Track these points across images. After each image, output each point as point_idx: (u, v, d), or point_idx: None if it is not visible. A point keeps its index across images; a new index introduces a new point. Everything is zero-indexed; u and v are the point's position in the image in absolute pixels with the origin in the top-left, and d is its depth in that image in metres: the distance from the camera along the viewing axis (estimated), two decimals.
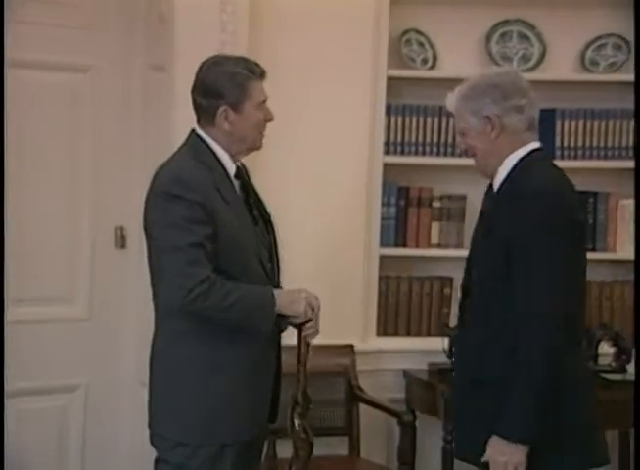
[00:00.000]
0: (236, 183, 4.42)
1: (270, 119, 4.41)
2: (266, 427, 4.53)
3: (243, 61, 4.37)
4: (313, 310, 4.33)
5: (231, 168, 4.39)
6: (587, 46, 6.44)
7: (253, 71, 4.32)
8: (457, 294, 5.88)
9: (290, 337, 4.43)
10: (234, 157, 4.41)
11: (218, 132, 4.35)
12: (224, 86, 4.29)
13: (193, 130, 4.43)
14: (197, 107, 4.38)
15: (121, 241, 5.99)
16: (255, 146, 4.45)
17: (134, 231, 5.30)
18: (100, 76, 6.08)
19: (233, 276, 4.23)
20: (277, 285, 4.43)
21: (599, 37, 6.42)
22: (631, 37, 6.35)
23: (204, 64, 4.39)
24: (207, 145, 4.38)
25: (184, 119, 4.66)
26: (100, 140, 6.05)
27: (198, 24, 5.78)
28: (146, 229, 4.33)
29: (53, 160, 6.00)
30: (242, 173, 4.45)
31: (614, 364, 6.29)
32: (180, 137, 4.53)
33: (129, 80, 6.12)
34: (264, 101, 4.37)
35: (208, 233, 4.16)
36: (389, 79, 6.15)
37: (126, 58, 6.12)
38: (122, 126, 6.11)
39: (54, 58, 5.96)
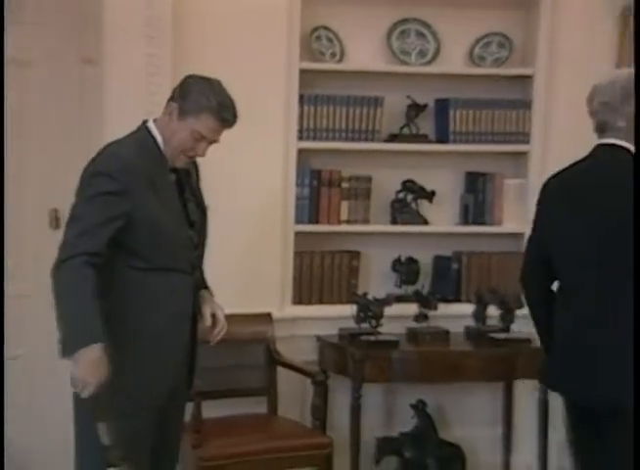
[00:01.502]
0: (172, 177, 4.10)
1: (191, 155, 4.04)
2: (178, 393, 4.16)
3: (222, 100, 3.99)
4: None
5: (170, 162, 4.08)
6: (476, 43, 6.16)
7: (222, 114, 3.96)
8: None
9: None
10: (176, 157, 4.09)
11: (161, 123, 4.02)
12: (191, 96, 3.96)
13: (144, 122, 4.10)
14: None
15: (55, 222, 5.48)
16: (174, 160, 4.03)
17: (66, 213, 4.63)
18: (41, 69, 5.58)
19: (144, 256, 3.95)
20: (195, 268, 4.12)
21: (486, 35, 6.16)
22: (513, 36, 6.18)
23: (204, 77, 4.08)
24: (152, 136, 4.05)
25: (114, 110, 4.62)
26: (43, 128, 5.58)
27: (125, 18, 5.37)
28: None
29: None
30: (178, 170, 4.10)
31: (500, 324, 5.92)
32: (111, 125, 4.53)
33: (66, 73, 5.57)
34: (204, 137, 3.97)
35: (121, 213, 3.85)
36: (302, 72, 5.82)
37: (62, 52, 5.56)
38: (61, 115, 5.56)
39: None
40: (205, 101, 3.92)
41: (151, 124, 4.04)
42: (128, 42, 5.30)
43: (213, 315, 4.13)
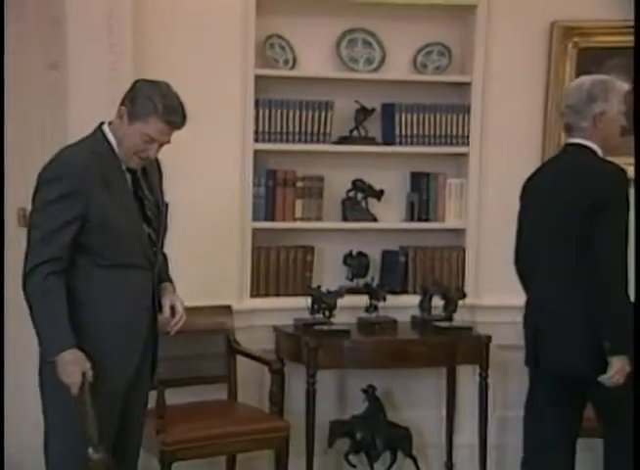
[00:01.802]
0: (128, 177, 4.05)
1: (143, 157, 3.98)
2: (140, 381, 4.13)
3: (169, 103, 3.93)
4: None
5: (124, 163, 4.04)
6: (418, 52, 6.16)
7: (166, 119, 3.91)
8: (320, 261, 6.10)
9: None
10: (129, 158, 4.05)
11: (114, 126, 3.98)
12: (139, 100, 3.92)
13: (99, 124, 4.06)
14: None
15: (23, 220, 5.39)
16: (127, 161, 4.00)
17: None
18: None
19: (102, 254, 3.95)
20: (154, 264, 4.09)
21: (427, 45, 6.16)
22: (452, 46, 6.20)
23: (152, 81, 4.04)
24: (106, 138, 4.00)
25: (77, 112, 4.59)
26: (12, 131, 5.47)
27: (88, 27, 5.32)
28: None
29: None
30: (134, 170, 4.06)
31: (443, 314, 5.96)
32: (74, 127, 4.42)
33: (29, 77, 5.56)
34: (154, 140, 3.93)
35: (75, 216, 3.85)
36: (257, 78, 5.83)
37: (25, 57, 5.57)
38: (27, 118, 5.57)
39: None
40: (152, 105, 3.88)
41: (105, 127, 4.00)
42: (91, 49, 5.22)
43: (172, 307, 4.09)
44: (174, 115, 3.90)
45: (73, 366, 3.76)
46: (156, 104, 3.87)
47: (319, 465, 5.78)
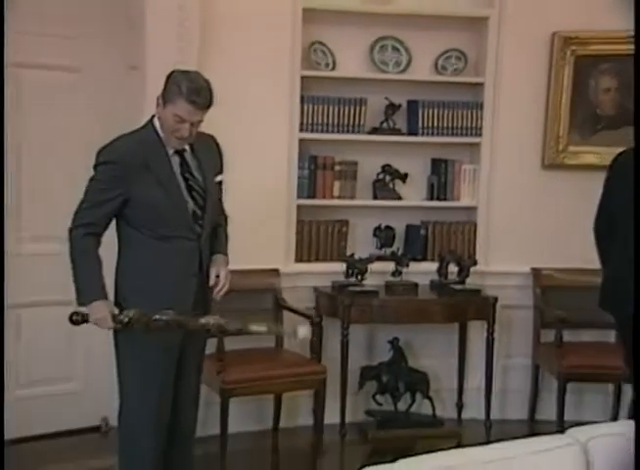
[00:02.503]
0: (176, 159, 4.03)
1: (178, 136, 3.96)
2: (193, 335, 4.13)
3: (192, 87, 3.90)
4: None
5: (170, 147, 4.05)
6: (439, 56, 6.14)
7: (189, 99, 3.87)
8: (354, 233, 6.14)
9: None
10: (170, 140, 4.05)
11: (157, 114, 4.00)
12: (169, 86, 3.93)
13: (152, 116, 4.08)
14: None
15: None
16: (169, 141, 4.00)
17: None
18: (88, 75, 5.54)
19: (146, 225, 3.98)
20: (199, 235, 4.04)
21: (446, 51, 6.13)
22: (468, 51, 6.16)
23: (183, 70, 4.04)
24: (154, 128, 4.03)
25: (153, 107, 4.18)
26: (90, 122, 5.46)
27: (161, 33, 5.31)
28: None
29: (53, 138, 5.51)
30: (182, 152, 4.05)
31: (457, 278, 5.95)
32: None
33: (110, 77, 5.57)
34: (183, 120, 3.91)
35: (115, 195, 3.92)
36: (303, 78, 5.84)
37: (107, 59, 5.57)
38: (104, 113, 5.51)
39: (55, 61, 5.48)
40: (178, 89, 3.87)
41: (155, 119, 4.03)
42: (164, 52, 5.18)
43: (218, 276, 4.08)
44: (197, 96, 3.87)
45: (102, 313, 3.84)
46: (181, 87, 3.86)
47: (351, 404, 5.81)
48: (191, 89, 3.86)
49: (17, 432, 5.35)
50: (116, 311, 3.87)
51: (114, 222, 4.08)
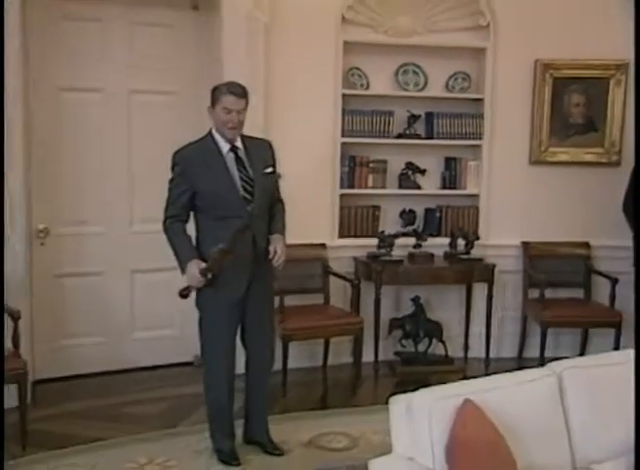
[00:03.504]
0: (231, 156, 4.06)
1: (230, 127, 4.03)
2: (252, 292, 4.15)
3: (229, 83, 4.08)
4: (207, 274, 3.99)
5: (224, 147, 4.07)
6: (449, 78, 6.13)
7: (229, 91, 3.99)
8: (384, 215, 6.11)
9: None
10: (226, 137, 4.08)
11: (212, 123, 4.10)
12: (215, 92, 4.04)
13: (210, 129, 4.15)
14: None
15: None
16: (224, 133, 4.05)
17: None
18: (180, 97, 5.63)
19: (210, 210, 4.04)
20: (250, 214, 4.02)
21: (455, 73, 6.13)
22: (471, 73, 6.14)
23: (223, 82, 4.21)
24: (211, 135, 4.10)
25: None
26: (184, 132, 5.22)
27: (236, 65, 5.32)
28: None
29: (156, 144, 5.53)
30: (235, 149, 4.08)
31: (464, 249, 5.95)
32: None
33: (196, 100, 5.54)
34: (230, 110, 3.99)
35: (184, 190, 4.02)
36: (343, 95, 5.85)
37: (195, 85, 5.60)
38: (194, 125, 5.35)
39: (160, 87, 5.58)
40: (219, 90, 4.00)
41: (212, 129, 4.09)
42: (237, 79, 4.88)
43: (275, 250, 4.08)
44: (234, 88, 3.99)
45: (193, 269, 3.93)
46: (221, 88, 4.01)
47: (382, 347, 5.83)
48: (229, 85, 4.02)
49: (134, 363, 5.62)
50: (202, 265, 3.92)
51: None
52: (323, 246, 5.80)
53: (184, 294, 3.99)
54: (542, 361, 5.28)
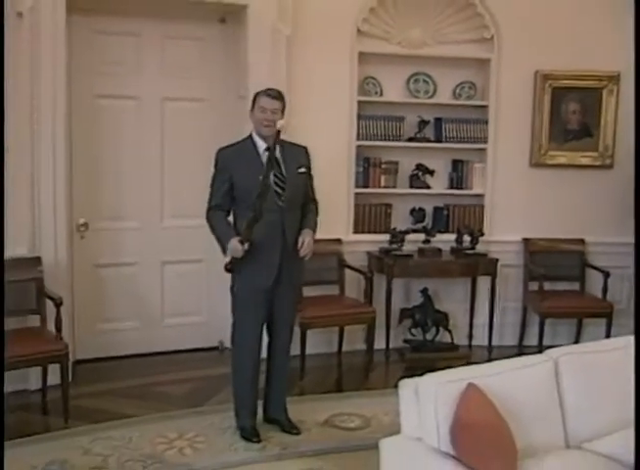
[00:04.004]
0: (265, 155, 4.07)
1: (265, 124, 4.09)
2: (280, 282, 4.18)
3: (265, 89, 4.15)
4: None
5: (261, 147, 4.12)
6: (456, 86, 6.11)
7: (265, 93, 4.10)
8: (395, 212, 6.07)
9: None
10: (263, 137, 4.12)
11: (252, 125, 4.17)
12: (254, 96, 4.15)
13: (251, 132, 4.22)
14: None
15: None
16: (261, 131, 4.11)
17: None
18: (208, 104, 5.66)
19: (245, 202, 4.03)
20: (281, 208, 4.08)
21: (462, 82, 6.10)
22: (477, 82, 6.12)
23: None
24: (251, 137, 4.17)
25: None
26: (212, 136, 5.50)
27: (260, 72, 5.33)
28: None
29: (186, 147, 5.64)
30: (271, 150, 4.06)
31: (470, 245, 5.92)
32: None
33: (222, 106, 5.66)
34: (265, 108, 4.08)
35: (223, 182, 4.10)
36: (359, 102, 5.83)
37: (222, 92, 5.66)
38: (221, 129, 5.55)
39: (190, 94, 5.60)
40: (258, 94, 4.10)
41: (252, 132, 4.16)
42: (261, 86, 4.86)
43: (302, 242, 4.12)
44: (270, 90, 4.10)
45: (233, 243, 3.97)
46: (260, 91, 4.11)
47: (393, 335, 5.84)
48: (266, 89, 4.12)
49: (165, 347, 5.66)
50: (238, 238, 3.98)
51: None
52: (339, 241, 5.77)
53: (229, 268, 4.07)
54: (541, 349, 5.31)
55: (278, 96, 4.10)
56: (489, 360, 3.26)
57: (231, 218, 4.20)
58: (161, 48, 5.50)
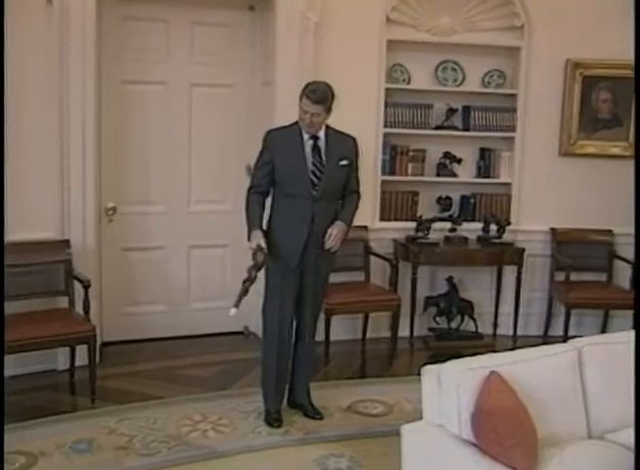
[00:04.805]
0: (310, 143, 4.10)
1: (306, 124, 4.06)
2: (307, 265, 4.19)
3: (311, 88, 4.05)
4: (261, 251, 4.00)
5: (306, 134, 4.11)
6: (485, 75, 6.08)
7: (306, 95, 4.02)
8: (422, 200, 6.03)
9: None
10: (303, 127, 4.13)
11: None
12: (301, 90, 4.07)
13: None
14: None
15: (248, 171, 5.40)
16: (303, 128, 4.10)
17: None
18: (235, 90, 5.67)
19: (281, 185, 4.13)
20: (314, 196, 4.08)
21: (491, 70, 6.07)
22: (506, 71, 6.08)
23: (314, 81, 4.21)
24: (298, 123, 4.12)
25: (281, 112, 4.66)
26: (238, 122, 5.65)
27: (286, 60, 5.37)
28: None
29: (213, 132, 5.68)
30: (316, 138, 4.11)
31: (496, 234, 5.92)
32: (278, 122, 4.47)
33: (249, 92, 5.69)
34: (306, 111, 4.03)
35: (266, 162, 4.11)
36: (387, 89, 5.81)
37: (250, 79, 5.68)
38: (247, 115, 5.66)
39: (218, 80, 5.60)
40: (302, 91, 4.03)
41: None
42: (289, 72, 5.28)
43: (330, 233, 4.12)
44: (312, 94, 3.99)
45: (254, 239, 3.98)
46: (305, 90, 4.03)
47: (418, 322, 5.86)
48: (309, 89, 4.02)
49: (191, 331, 5.72)
50: (262, 244, 3.96)
51: None
52: (365, 228, 5.76)
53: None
54: (566, 340, 5.09)
55: (320, 100, 4.01)
56: (513, 350, 3.25)
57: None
58: (190, 34, 5.52)
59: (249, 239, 4.06)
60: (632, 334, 3.09)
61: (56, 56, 4.80)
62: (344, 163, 4.19)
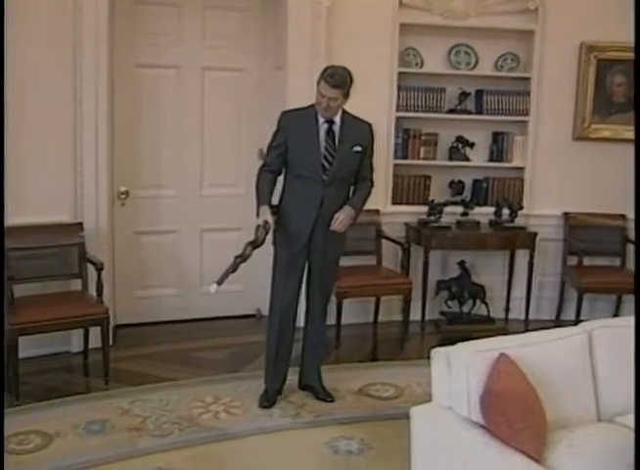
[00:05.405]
0: (325, 126, 4.09)
1: (323, 107, 4.03)
2: (313, 248, 4.21)
3: (329, 72, 4.01)
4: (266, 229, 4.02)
5: (321, 118, 4.09)
6: (498, 58, 6.05)
7: (325, 79, 3.98)
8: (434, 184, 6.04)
9: None
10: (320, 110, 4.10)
11: None
12: (320, 73, 4.04)
13: None
14: None
15: (261, 155, 5.34)
16: (318, 111, 4.07)
17: None
18: (247, 74, 5.68)
19: (293, 167, 4.14)
20: (324, 180, 4.08)
21: (504, 54, 6.05)
22: (520, 54, 6.04)
23: (333, 65, 4.16)
24: (314, 106, 4.10)
25: (293, 95, 4.67)
26: (250, 106, 5.67)
27: (299, 44, 5.39)
28: None
29: (226, 115, 5.69)
30: (331, 122, 4.10)
31: (509, 218, 5.90)
32: (290, 104, 4.47)
33: (261, 76, 5.69)
34: (323, 95, 4.00)
35: (280, 142, 4.11)
36: (399, 73, 5.80)
37: (262, 63, 5.69)
38: (259, 99, 5.68)
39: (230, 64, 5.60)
40: (321, 74, 4.01)
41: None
42: (300, 57, 5.32)
43: (337, 217, 4.11)
44: (331, 78, 3.96)
45: (262, 214, 4.00)
46: (324, 73, 4.00)
47: (429, 306, 5.88)
48: (328, 73, 3.99)
49: (203, 313, 5.75)
50: (270, 219, 3.99)
51: None
52: (377, 212, 5.76)
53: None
54: (578, 324, 5.23)
55: (338, 85, 3.98)
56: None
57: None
58: (202, 18, 5.52)
59: (257, 215, 4.07)
60: (632, 319, 3.07)
61: (69, 41, 4.81)
62: (358, 149, 4.17)
